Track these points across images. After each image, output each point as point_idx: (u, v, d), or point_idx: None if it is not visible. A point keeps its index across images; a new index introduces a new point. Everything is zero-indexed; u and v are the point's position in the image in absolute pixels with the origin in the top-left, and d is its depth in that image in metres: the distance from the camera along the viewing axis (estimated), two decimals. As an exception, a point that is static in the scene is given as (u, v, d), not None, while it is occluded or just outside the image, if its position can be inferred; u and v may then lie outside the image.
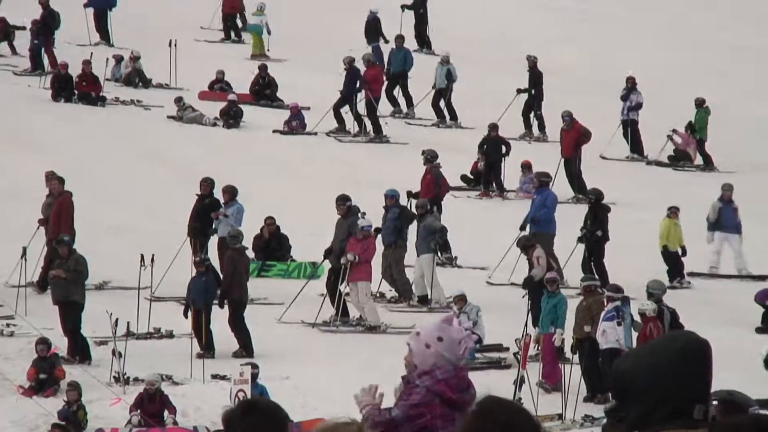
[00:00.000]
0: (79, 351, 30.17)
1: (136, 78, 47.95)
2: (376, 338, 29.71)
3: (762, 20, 56.23)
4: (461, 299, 30.95)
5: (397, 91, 46.97)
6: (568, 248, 34.12)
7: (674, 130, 44.45)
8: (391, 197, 33.37)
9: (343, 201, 32.36)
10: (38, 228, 33.36)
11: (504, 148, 40.98)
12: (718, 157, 44.21)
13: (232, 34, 53.52)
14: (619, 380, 7.07)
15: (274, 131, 44.80)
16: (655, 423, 6.71)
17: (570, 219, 34.49)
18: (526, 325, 29.02)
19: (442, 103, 46.47)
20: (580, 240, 33.90)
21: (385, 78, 46.10)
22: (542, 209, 34.43)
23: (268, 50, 51.48)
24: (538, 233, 33.80)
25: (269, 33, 51.58)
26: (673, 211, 34.19)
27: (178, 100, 45.50)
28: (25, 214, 34.17)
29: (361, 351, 28.56)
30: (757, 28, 55.54)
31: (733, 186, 36.03)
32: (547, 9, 55.41)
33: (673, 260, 33.90)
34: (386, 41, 49.72)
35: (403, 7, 51.64)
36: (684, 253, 33.93)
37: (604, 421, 26.34)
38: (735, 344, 27.75)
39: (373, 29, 50.72)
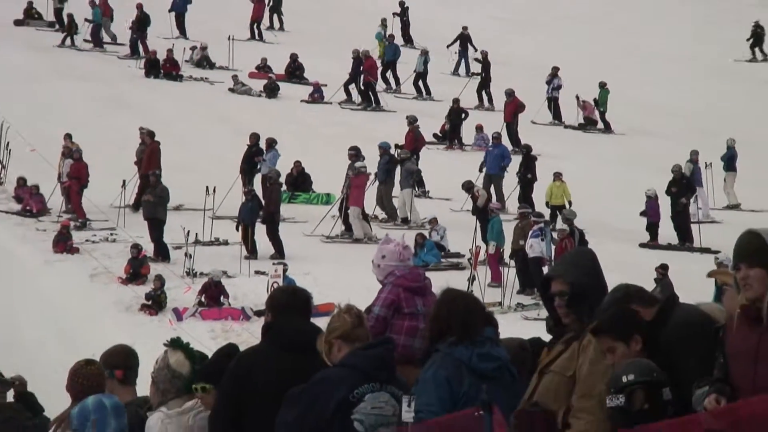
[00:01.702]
0: (161, 253, 30.19)
1: (204, 62, 47.80)
2: (370, 248, 29.49)
3: (655, 25, 55.95)
4: (434, 221, 31.15)
5: (389, 74, 46.82)
6: (508, 186, 34.20)
7: (577, 96, 44.41)
8: (384, 148, 33.35)
9: (352, 150, 32.43)
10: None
11: (463, 115, 41.07)
12: (615, 124, 44.15)
13: (256, 35, 52.70)
14: (549, 278, 7.01)
15: (302, 101, 44.68)
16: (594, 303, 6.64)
17: (509, 166, 34.56)
18: (474, 239, 29.08)
19: (420, 83, 46.34)
20: (518, 181, 34.09)
21: (379, 65, 45.98)
22: (506, 159, 34.73)
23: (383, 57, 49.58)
24: (492, 175, 34.12)
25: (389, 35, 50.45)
26: (557, 176, 33.58)
27: (235, 78, 45.40)
28: (125, 157, 34.07)
29: (360, 255, 28.34)
30: (652, 30, 55.21)
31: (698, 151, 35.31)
32: (496, 18, 55.12)
33: (555, 212, 33.05)
34: (475, 49, 48.11)
35: (394, 14, 51.47)
36: (570, 204, 33.18)
37: (532, 305, 26.38)
38: (622, 256, 27.64)
39: (465, 41, 49.16)
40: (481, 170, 34.45)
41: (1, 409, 9.92)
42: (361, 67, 44.15)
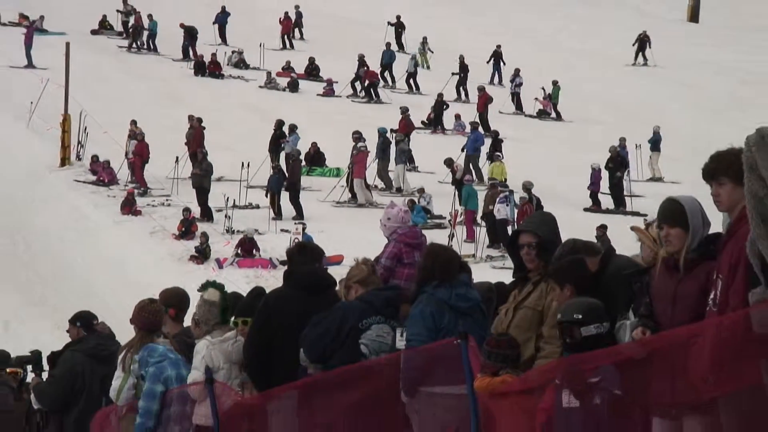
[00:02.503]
0: (206, 215, 30.19)
1: (241, 64, 47.55)
2: (371, 211, 29.49)
3: (598, 33, 55.75)
4: (421, 190, 31.14)
5: (386, 74, 46.65)
6: (482, 163, 34.21)
7: (536, 98, 44.35)
8: (381, 132, 33.40)
9: (356, 134, 32.41)
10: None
11: (445, 106, 40.90)
12: (565, 114, 44.10)
13: (287, 45, 52.27)
14: (520, 232, 7.04)
15: (317, 95, 44.49)
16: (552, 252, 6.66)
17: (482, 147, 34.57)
18: (453, 205, 29.11)
19: (411, 81, 46.17)
20: (487, 158, 33.94)
21: (379, 66, 45.87)
22: (479, 142, 34.59)
23: (427, 65, 48.95)
24: (470, 155, 34.11)
25: (431, 51, 49.50)
26: (497, 157, 33.23)
27: (268, 75, 45.14)
28: (177, 138, 33.98)
29: (363, 217, 28.43)
30: (600, 38, 55.02)
31: (626, 138, 34.94)
32: (471, 29, 54.95)
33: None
34: (504, 63, 46.83)
35: (389, 23, 50.82)
36: (505, 180, 32.03)
37: (498, 257, 26.34)
38: (569, 218, 27.63)
39: (498, 57, 47.51)
40: (462, 150, 34.39)
41: (97, 335, 10.05)
42: (364, 69, 44.07)
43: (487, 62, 47.01)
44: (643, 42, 51.92)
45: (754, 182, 5.00)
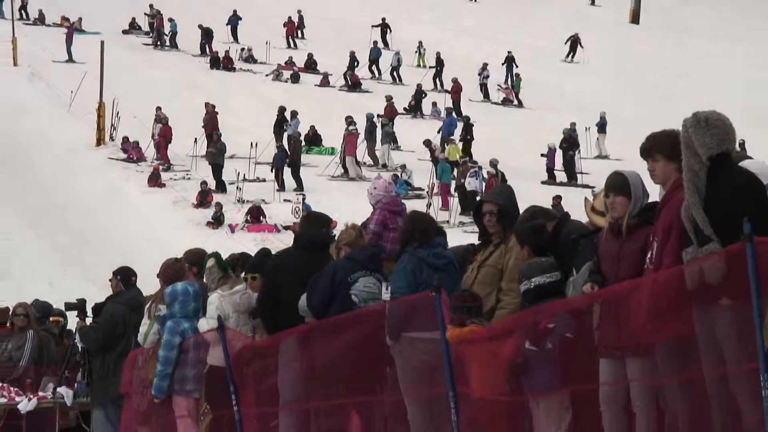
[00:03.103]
0: (220, 187, 30.10)
1: (250, 59, 47.17)
2: (360, 184, 29.38)
3: (551, 33, 55.49)
4: (403, 166, 31.09)
5: (374, 68, 46.35)
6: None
7: (499, 87, 44.16)
8: (369, 117, 33.28)
9: (348, 118, 32.32)
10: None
11: (423, 95, 40.78)
12: (525, 102, 44.00)
13: (292, 45, 51.74)
14: (483, 201, 7.00)
15: (315, 85, 44.19)
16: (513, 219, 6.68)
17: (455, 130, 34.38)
18: (431, 178, 29.08)
19: (395, 73, 45.89)
20: (459, 140, 33.82)
21: (368, 61, 45.61)
22: (453, 126, 34.55)
23: (425, 65, 47.71)
24: (445, 137, 34.01)
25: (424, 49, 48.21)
26: (451, 141, 33.03)
27: (278, 66, 44.76)
28: (195, 122, 33.74)
29: (354, 189, 28.35)
30: (553, 37, 54.75)
31: (576, 122, 34.67)
32: (447, 29, 54.62)
33: (452, 164, 32.22)
34: (516, 66, 45.73)
35: (372, 26, 50.27)
36: (459, 158, 31.91)
37: (469, 223, 26.32)
38: (529, 190, 27.62)
39: (510, 61, 46.27)
40: (438, 132, 34.31)
41: (134, 289, 10.04)
42: (351, 72, 43.92)
43: (501, 65, 46.29)
44: (575, 42, 51.46)
45: (690, 158, 5.00)
